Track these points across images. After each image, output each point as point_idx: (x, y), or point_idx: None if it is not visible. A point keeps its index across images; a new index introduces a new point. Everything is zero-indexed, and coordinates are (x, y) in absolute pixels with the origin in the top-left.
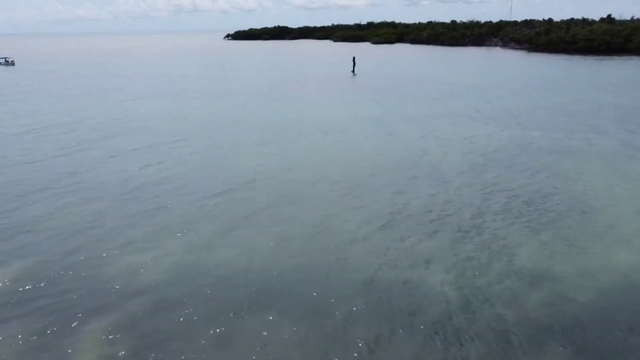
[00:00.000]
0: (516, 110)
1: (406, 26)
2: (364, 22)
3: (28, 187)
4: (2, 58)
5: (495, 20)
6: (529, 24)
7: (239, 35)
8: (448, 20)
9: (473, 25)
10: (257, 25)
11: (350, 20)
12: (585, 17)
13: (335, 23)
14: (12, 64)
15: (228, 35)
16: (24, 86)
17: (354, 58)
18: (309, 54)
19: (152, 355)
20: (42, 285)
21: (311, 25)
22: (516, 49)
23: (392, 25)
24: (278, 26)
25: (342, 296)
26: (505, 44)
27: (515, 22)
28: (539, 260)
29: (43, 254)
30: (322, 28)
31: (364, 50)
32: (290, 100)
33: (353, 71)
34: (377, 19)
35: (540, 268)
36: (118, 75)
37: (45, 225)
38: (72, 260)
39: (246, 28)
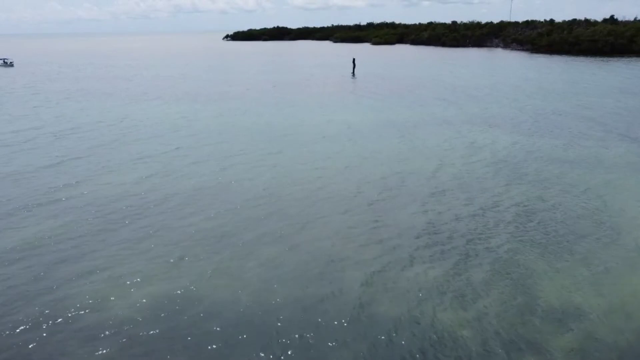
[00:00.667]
0: (535, 115)
1: (406, 27)
2: (363, 23)
3: (2, 205)
4: (1, 59)
5: (495, 21)
6: (530, 24)
7: (238, 36)
8: (448, 21)
9: (474, 26)
10: (257, 25)
11: (349, 21)
12: (587, 17)
13: (335, 24)
14: (11, 65)
15: (227, 36)
16: (20, 89)
17: (353, 60)
18: (308, 56)
19: None
20: None
21: (310, 26)
22: (518, 49)
23: (392, 26)
24: (277, 27)
25: (344, 339)
26: (507, 45)
27: (516, 23)
28: (566, 294)
29: (3, 289)
30: (322, 29)
31: (364, 51)
32: (290, 104)
33: (353, 73)
34: (376, 19)
35: (567, 304)
36: (116, 78)
37: (13, 256)
38: (37, 296)
39: (245, 29)
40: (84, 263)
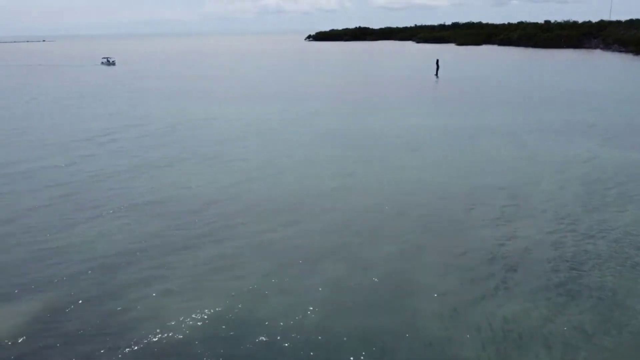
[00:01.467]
0: None
1: (494, 27)
2: (448, 22)
3: (78, 209)
4: (105, 58)
5: (593, 20)
6: (634, 23)
7: (320, 36)
8: (540, 21)
9: (569, 26)
10: (339, 25)
11: (432, 21)
12: None
13: (418, 24)
14: (113, 63)
15: (309, 36)
16: (118, 87)
17: (437, 61)
18: (389, 56)
19: None
20: (49, 330)
21: (393, 25)
22: (621, 51)
23: (479, 25)
24: (359, 27)
25: None
26: (607, 46)
27: (618, 22)
28: None
29: (68, 297)
30: (404, 29)
31: (448, 52)
32: (368, 106)
33: (436, 75)
34: (461, 19)
35: None
36: (206, 78)
37: (75, 257)
38: (99, 305)
39: (327, 29)
40: (151, 274)
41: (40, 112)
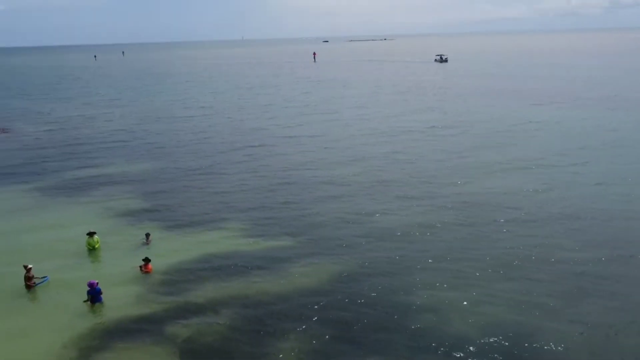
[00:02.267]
0: None
1: None
2: None
3: (390, 191)
4: (438, 55)
5: None
6: None
7: None
8: None
9: None
10: None
11: None
12: None
13: None
14: (446, 60)
15: None
16: (447, 82)
17: None
18: None
19: None
20: (340, 296)
21: None
22: None
23: None
24: None
25: None
26: None
27: None
28: None
29: (359, 259)
30: None
31: None
32: None
33: None
34: None
35: None
36: (533, 78)
37: (382, 244)
38: (382, 288)
39: None
40: (444, 274)
41: (378, 102)
